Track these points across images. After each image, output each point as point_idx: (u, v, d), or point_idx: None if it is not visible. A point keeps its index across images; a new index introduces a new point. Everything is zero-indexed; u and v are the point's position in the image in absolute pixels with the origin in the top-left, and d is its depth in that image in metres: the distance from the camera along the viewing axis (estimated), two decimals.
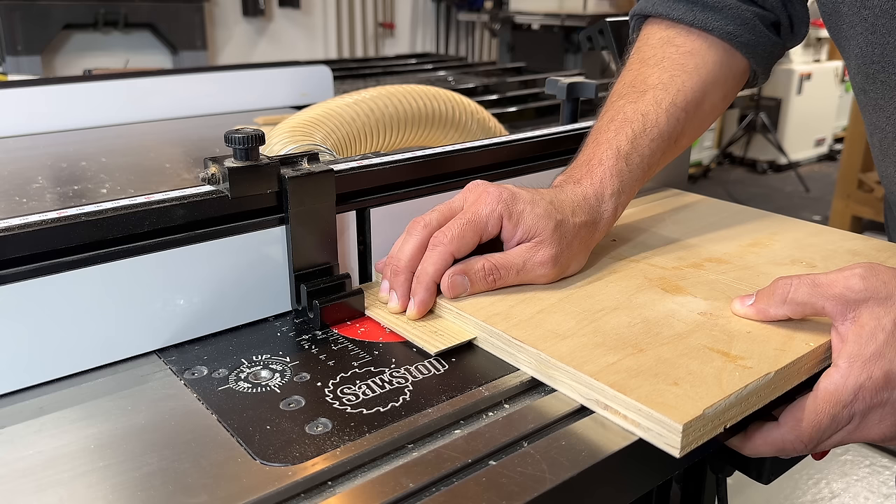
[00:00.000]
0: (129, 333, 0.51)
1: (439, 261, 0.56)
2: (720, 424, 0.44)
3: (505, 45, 4.06)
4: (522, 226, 0.57)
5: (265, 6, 3.66)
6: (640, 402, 0.43)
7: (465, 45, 4.59)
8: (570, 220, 0.59)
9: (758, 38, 0.70)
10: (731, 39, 0.69)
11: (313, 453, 0.41)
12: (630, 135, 0.64)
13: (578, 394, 0.46)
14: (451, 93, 0.88)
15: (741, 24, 0.69)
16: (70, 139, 1.09)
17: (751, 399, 0.45)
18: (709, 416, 0.42)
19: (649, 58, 0.70)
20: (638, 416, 0.43)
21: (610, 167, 0.63)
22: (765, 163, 4.71)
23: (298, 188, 0.55)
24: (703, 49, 0.69)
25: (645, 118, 0.65)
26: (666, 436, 0.42)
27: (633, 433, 0.43)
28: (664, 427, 0.42)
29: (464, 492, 0.39)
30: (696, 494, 0.72)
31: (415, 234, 0.57)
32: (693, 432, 0.42)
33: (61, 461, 0.41)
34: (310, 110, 0.79)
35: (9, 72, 2.70)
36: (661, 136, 0.65)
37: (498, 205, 0.57)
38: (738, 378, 0.45)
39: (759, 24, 0.69)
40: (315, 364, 0.51)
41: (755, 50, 0.70)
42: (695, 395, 0.43)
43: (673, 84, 0.67)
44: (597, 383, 0.45)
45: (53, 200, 0.80)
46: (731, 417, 0.44)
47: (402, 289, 0.57)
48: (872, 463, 1.89)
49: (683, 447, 0.41)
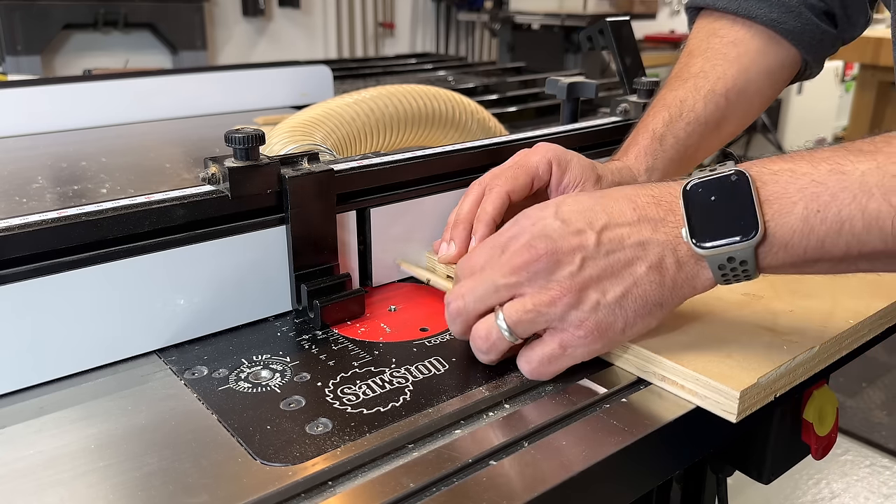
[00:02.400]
0: (130, 333, 0.51)
1: (496, 199, 0.58)
2: (771, 393, 0.47)
3: (505, 45, 4.06)
4: (570, 173, 0.60)
5: (265, 6, 3.65)
6: (699, 372, 0.46)
7: (465, 45, 4.59)
8: (608, 178, 0.62)
9: (804, 26, 0.70)
10: (776, 26, 0.69)
11: (313, 453, 0.41)
12: (666, 118, 0.67)
13: (636, 368, 0.50)
14: (451, 93, 0.88)
15: (786, 11, 0.69)
16: (70, 139, 1.09)
17: (798, 370, 0.49)
18: (762, 384, 0.46)
19: (695, 49, 0.73)
20: (696, 385, 0.46)
21: (644, 146, 0.66)
22: None
23: (299, 188, 0.55)
24: (746, 38, 0.70)
25: (682, 104, 0.68)
26: (724, 402, 0.45)
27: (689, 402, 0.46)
28: (722, 395, 0.45)
29: (464, 492, 0.39)
30: (696, 494, 0.72)
31: (471, 193, 0.60)
32: (748, 399, 0.45)
33: (61, 461, 0.41)
34: (310, 110, 0.79)
35: (8, 72, 2.69)
36: (698, 121, 0.67)
37: (548, 152, 0.60)
38: (786, 351, 0.49)
39: (806, 11, 0.69)
40: (315, 364, 0.51)
41: (801, 38, 0.70)
42: (748, 367, 0.47)
43: (714, 72, 0.69)
44: (656, 357, 0.48)
45: (53, 200, 0.80)
46: (781, 387, 0.48)
47: (462, 236, 0.59)
48: (873, 463, 1.89)
49: (740, 412, 0.45)
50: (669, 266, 0.46)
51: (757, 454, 0.62)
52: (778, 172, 0.44)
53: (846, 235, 0.42)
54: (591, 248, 0.46)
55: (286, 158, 0.57)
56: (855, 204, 0.41)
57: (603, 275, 0.46)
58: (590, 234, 0.47)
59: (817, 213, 0.42)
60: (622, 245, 0.46)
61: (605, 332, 0.47)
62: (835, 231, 0.42)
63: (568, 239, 0.47)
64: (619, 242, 0.47)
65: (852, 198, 0.41)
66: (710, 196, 0.45)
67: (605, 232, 0.47)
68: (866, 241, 0.42)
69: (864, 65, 3.07)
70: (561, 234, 0.47)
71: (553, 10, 4.10)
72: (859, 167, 0.42)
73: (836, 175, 0.42)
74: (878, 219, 0.41)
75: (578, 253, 0.46)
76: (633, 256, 0.46)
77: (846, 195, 0.42)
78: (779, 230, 0.43)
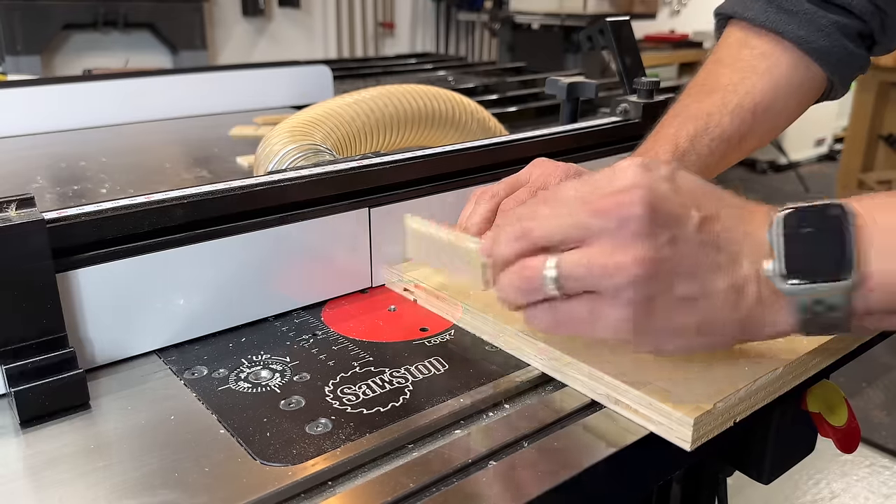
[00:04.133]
0: (129, 333, 0.51)
1: None
2: (730, 418, 0.44)
3: (505, 45, 4.06)
4: None
5: (265, 6, 3.65)
6: (652, 396, 0.43)
7: (465, 44, 4.59)
8: None
9: (832, 46, 0.67)
10: (804, 45, 0.67)
11: (313, 453, 0.41)
12: (691, 132, 0.64)
13: (589, 389, 0.47)
14: (451, 92, 0.88)
15: (816, 29, 0.67)
16: (69, 139, 1.09)
17: (760, 393, 0.46)
18: (719, 410, 0.43)
19: (724, 58, 0.70)
20: (649, 410, 0.44)
21: None
22: (765, 163, 4.71)
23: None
24: (776, 52, 0.68)
25: (709, 118, 0.65)
26: (677, 430, 0.42)
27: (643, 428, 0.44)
28: (675, 421, 0.42)
29: (464, 492, 0.39)
30: (695, 494, 0.72)
31: (483, 204, 0.57)
32: (704, 426, 0.42)
33: (61, 461, 0.41)
34: (309, 110, 0.79)
35: (8, 71, 2.69)
36: (723, 137, 0.65)
37: (566, 177, 0.57)
38: (747, 373, 0.46)
39: (837, 32, 0.67)
40: (315, 364, 0.51)
41: (829, 59, 0.68)
42: (705, 390, 0.44)
43: (742, 86, 0.67)
44: (608, 378, 0.46)
45: (53, 200, 0.80)
46: (741, 411, 0.45)
47: None
48: (873, 463, 1.89)
49: (694, 440, 0.42)
50: (750, 295, 0.40)
51: (757, 454, 0.61)
52: (878, 209, 0.39)
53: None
54: (689, 229, 0.39)
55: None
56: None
57: (684, 265, 0.39)
58: (695, 214, 0.40)
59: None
60: (718, 244, 0.40)
61: (648, 327, 0.40)
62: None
63: (673, 205, 0.40)
64: (716, 241, 0.40)
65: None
66: (804, 227, 0.40)
67: (710, 222, 0.40)
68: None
69: None
70: (667, 196, 0.40)
71: (553, 10, 4.10)
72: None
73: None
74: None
75: (674, 226, 0.39)
76: (721, 264, 0.40)
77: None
78: (883, 275, 0.38)
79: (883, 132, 3.28)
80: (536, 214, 0.42)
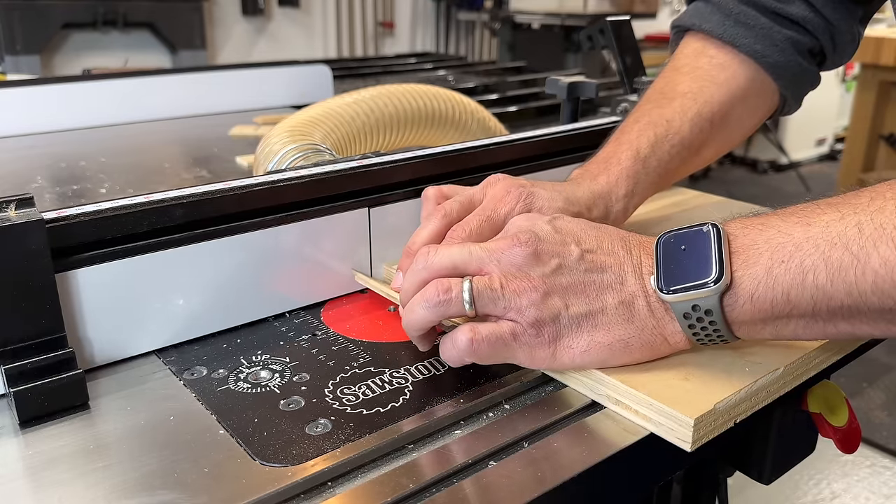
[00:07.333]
0: (128, 333, 0.51)
1: None
2: (731, 419, 0.44)
3: (505, 45, 4.06)
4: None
5: (264, 5, 3.66)
6: (652, 397, 0.44)
7: (465, 44, 4.59)
8: (584, 215, 0.60)
9: (787, 61, 0.68)
10: (760, 59, 0.68)
11: (313, 454, 0.41)
12: (652, 139, 0.65)
13: (589, 389, 0.47)
14: (451, 92, 0.88)
15: (771, 44, 0.68)
16: (69, 139, 1.09)
17: (760, 394, 0.46)
18: (720, 410, 0.43)
19: (682, 66, 0.71)
20: (649, 410, 0.44)
21: (627, 168, 0.63)
22: (766, 162, 4.71)
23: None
24: (734, 63, 0.69)
25: (669, 124, 0.66)
26: (677, 430, 0.42)
27: (643, 428, 0.44)
28: (676, 422, 0.42)
29: (464, 492, 0.39)
30: (696, 495, 0.72)
31: (433, 222, 0.57)
32: (704, 426, 0.43)
33: (60, 461, 0.41)
34: (309, 110, 0.79)
35: (8, 71, 2.69)
36: (683, 144, 0.66)
37: (517, 205, 0.57)
38: (747, 373, 0.46)
39: (791, 48, 0.68)
40: (315, 364, 0.51)
41: (783, 73, 0.69)
42: (705, 391, 0.44)
43: (702, 95, 0.67)
44: (608, 379, 0.46)
45: (52, 200, 0.80)
46: (742, 412, 0.45)
47: None
48: (873, 464, 1.89)
49: (695, 441, 0.42)
50: (640, 308, 0.46)
51: (757, 454, 0.61)
52: (749, 226, 0.45)
53: (810, 288, 0.41)
54: (571, 260, 0.47)
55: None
56: (818, 254, 0.41)
57: (573, 288, 0.46)
58: (574, 248, 0.47)
59: (781, 263, 0.42)
60: (602, 270, 0.47)
61: (559, 345, 0.46)
62: (798, 282, 0.41)
63: (553, 243, 0.47)
64: (599, 267, 0.47)
65: (815, 247, 0.41)
66: (681, 246, 0.46)
67: (590, 253, 0.47)
68: (832, 293, 0.41)
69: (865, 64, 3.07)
70: (548, 237, 0.47)
71: (553, 9, 4.10)
72: (823, 218, 0.42)
73: (801, 226, 0.42)
74: (840, 269, 0.40)
75: (557, 259, 0.47)
76: (608, 285, 0.46)
77: (809, 245, 0.41)
78: (744, 280, 0.43)
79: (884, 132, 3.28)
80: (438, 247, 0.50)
